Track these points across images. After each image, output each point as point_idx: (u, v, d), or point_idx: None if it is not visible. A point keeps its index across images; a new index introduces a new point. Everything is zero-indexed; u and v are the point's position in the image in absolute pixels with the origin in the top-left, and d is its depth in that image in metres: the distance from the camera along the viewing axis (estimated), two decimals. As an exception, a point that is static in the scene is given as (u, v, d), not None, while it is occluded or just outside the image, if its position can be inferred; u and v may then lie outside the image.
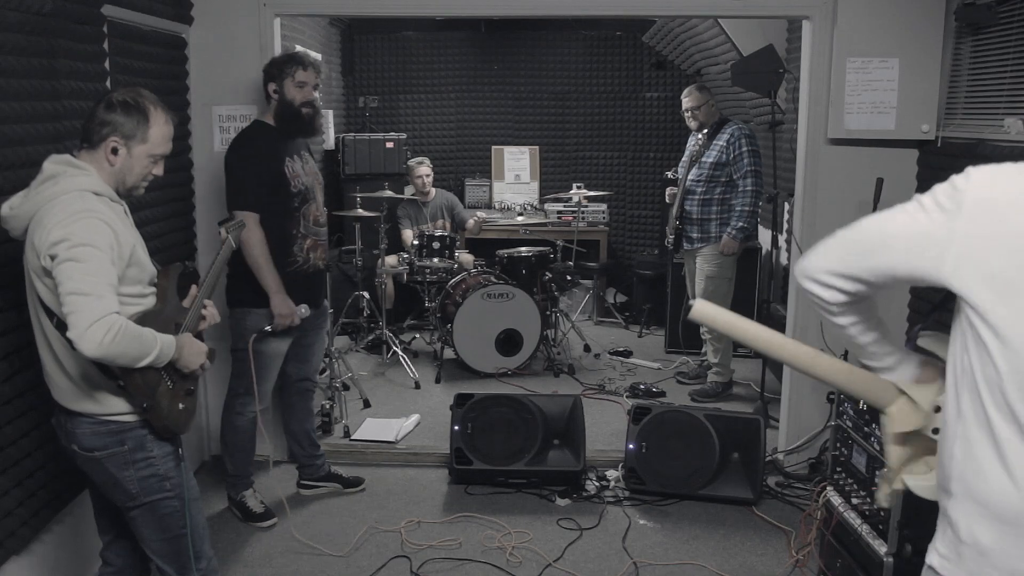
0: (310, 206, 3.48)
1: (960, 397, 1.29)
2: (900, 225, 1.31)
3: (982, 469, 1.25)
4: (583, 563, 3.30)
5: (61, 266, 1.98)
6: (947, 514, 1.32)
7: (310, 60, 3.42)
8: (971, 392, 1.27)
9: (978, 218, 1.23)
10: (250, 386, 3.34)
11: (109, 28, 3.11)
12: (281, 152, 3.38)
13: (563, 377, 5.39)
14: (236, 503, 3.62)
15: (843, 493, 2.90)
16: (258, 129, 3.42)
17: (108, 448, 2.18)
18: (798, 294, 4.00)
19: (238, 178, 3.33)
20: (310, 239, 3.48)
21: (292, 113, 3.36)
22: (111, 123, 2.15)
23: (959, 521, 1.28)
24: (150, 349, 2.05)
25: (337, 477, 3.88)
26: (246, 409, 3.53)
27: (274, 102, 3.38)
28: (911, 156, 3.87)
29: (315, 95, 3.42)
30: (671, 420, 3.78)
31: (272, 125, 3.40)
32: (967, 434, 1.27)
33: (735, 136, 4.79)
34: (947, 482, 1.32)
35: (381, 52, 7.38)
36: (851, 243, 1.38)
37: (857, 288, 1.38)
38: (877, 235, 1.34)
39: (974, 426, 1.26)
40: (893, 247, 1.31)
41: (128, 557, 2.47)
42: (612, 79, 7.34)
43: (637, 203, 7.43)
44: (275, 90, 3.37)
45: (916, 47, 3.69)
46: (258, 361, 3.33)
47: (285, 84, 3.35)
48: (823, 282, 1.40)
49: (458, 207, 6.47)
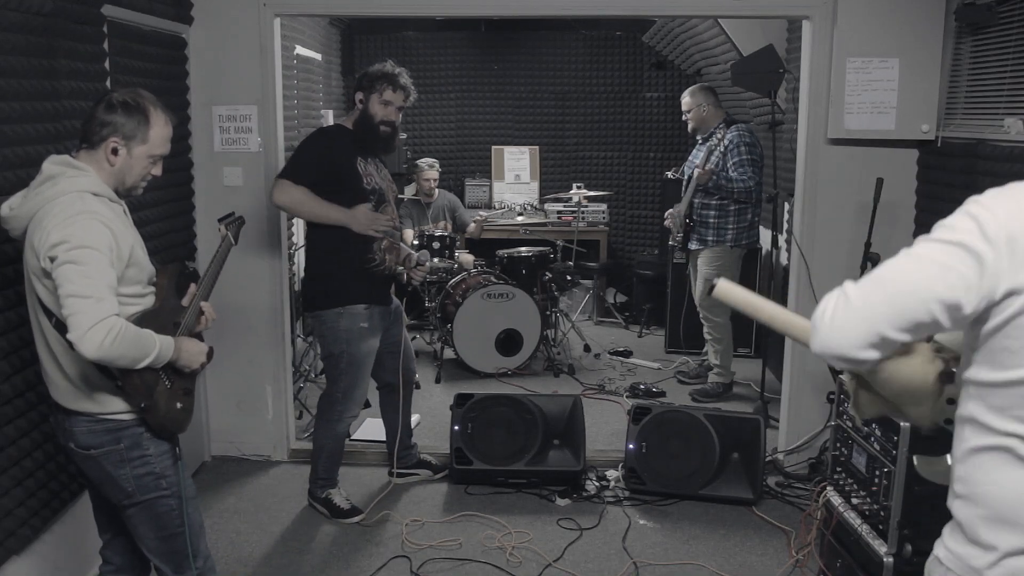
0: (386, 208, 3.51)
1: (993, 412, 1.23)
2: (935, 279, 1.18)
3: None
4: (583, 563, 3.29)
5: (61, 268, 1.98)
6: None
7: (402, 83, 3.47)
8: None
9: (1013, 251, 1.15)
10: (349, 391, 3.49)
11: (109, 28, 3.11)
12: (353, 151, 3.43)
13: (563, 377, 5.39)
14: (322, 500, 3.64)
15: (843, 493, 2.90)
16: (338, 129, 3.53)
17: (104, 446, 2.18)
18: (798, 294, 4.01)
19: (297, 155, 3.43)
20: (387, 240, 3.51)
21: (370, 127, 3.44)
22: (112, 124, 2.15)
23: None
24: (149, 350, 2.06)
25: (427, 464, 3.98)
26: (345, 415, 3.58)
27: (357, 111, 3.45)
28: (911, 156, 3.87)
29: (398, 117, 3.48)
30: (671, 420, 3.78)
31: (350, 130, 3.47)
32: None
33: (734, 142, 4.78)
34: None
35: (381, 52, 7.37)
36: (879, 308, 1.21)
37: (894, 346, 1.25)
38: (912, 296, 1.19)
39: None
40: (933, 308, 1.18)
41: (128, 555, 2.46)
42: (612, 79, 7.34)
43: (637, 203, 7.43)
44: (361, 100, 3.45)
45: (916, 47, 3.69)
46: (354, 363, 3.47)
47: (372, 98, 3.42)
48: (855, 359, 1.25)
49: (460, 209, 6.47)
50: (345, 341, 3.44)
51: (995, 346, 1.20)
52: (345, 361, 3.47)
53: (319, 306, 3.46)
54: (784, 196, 4.73)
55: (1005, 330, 1.18)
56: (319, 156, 3.39)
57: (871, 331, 1.21)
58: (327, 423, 3.59)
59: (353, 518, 3.57)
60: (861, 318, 1.21)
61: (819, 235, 3.95)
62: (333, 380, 3.53)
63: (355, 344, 3.45)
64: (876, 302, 1.21)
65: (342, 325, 3.42)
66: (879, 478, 2.63)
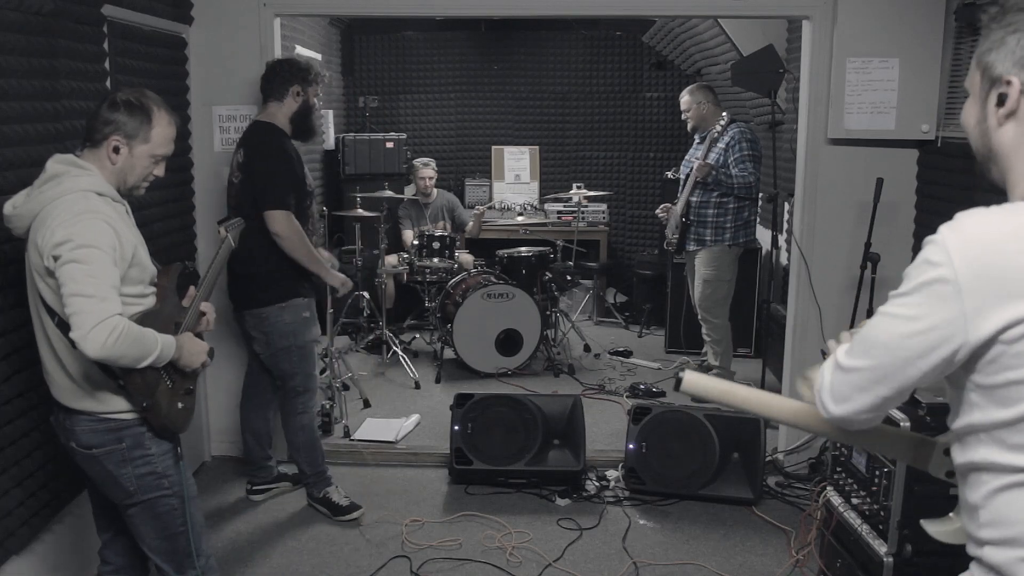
0: (313, 205, 3.59)
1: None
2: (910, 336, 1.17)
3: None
4: (583, 563, 3.30)
5: (64, 267, 1.99)
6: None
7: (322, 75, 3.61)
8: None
9: (979, 284, 1.12)
10: (306, 382, 3.52)
11: (109, 28, 3.11)
12: (298, 154, 3.49)
13: (563, 377, 5.39)
14: (320, 500, 3.64)
15: (843, 493, 2.90)
16: (279, 132, 3.45)
17: (106, 445, 2.19)
18: (798, 294, 4.01)
19: (272, 178, 3.36)
20: (315, 236, 3.58)
21: (309, 119, 3.49)
22: (114, 122, 2.16)
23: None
24: (152, 350, 2.06)
25: (285, 477, 3.88)
26: (308, 405, 3.60)
27: (296, 104, 3.45)
28: (911, 156, 3.87)
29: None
30: (671, 420, 3.78)
31: (279, 127, 3.44)
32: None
33: (736, 139, 4.78)
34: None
35: (381, 52, 7.38)
36: (871, 375, 1.22)
37: (896, 404, 1.26)
38: (897, 358, 1.19)
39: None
40: (916, 363, 1.18)
41: (127, 555, 2.47)
42: (612, 79, 7.34)
43: (637, 203, 7.43)
44: (299, 93, 3.45)
45: (916, 47, 3.69)
46: (305, 354, 3.51)
47: (309, 91, 3.47)
48: (868, 421, 1.28)
49: (459, 208, 6.47)
50: (292, 334, 3.46)
51: (996, 382, 1.15)
52: (296, 354, 3.50)
53: (260, 303, 3.44)
54: (784, 196, 4.74)
55: (1003, 362, 1.13)
56: (291, 175, 3.39)
57: (872, 395, 1.23)
58: (293, 418, 3.59)
59: (353, 514, 3.58)
60: (857, 387, 1.24)
61: (819, 235, 3.96)
62: (289, 375, 3.53)
63: (302, 335, 3.49)
64: (865, 368, 1.22)
65: (286, 319, 3.44)
66: (879, 478, 2.63)
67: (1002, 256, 1.11)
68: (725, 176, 4.72)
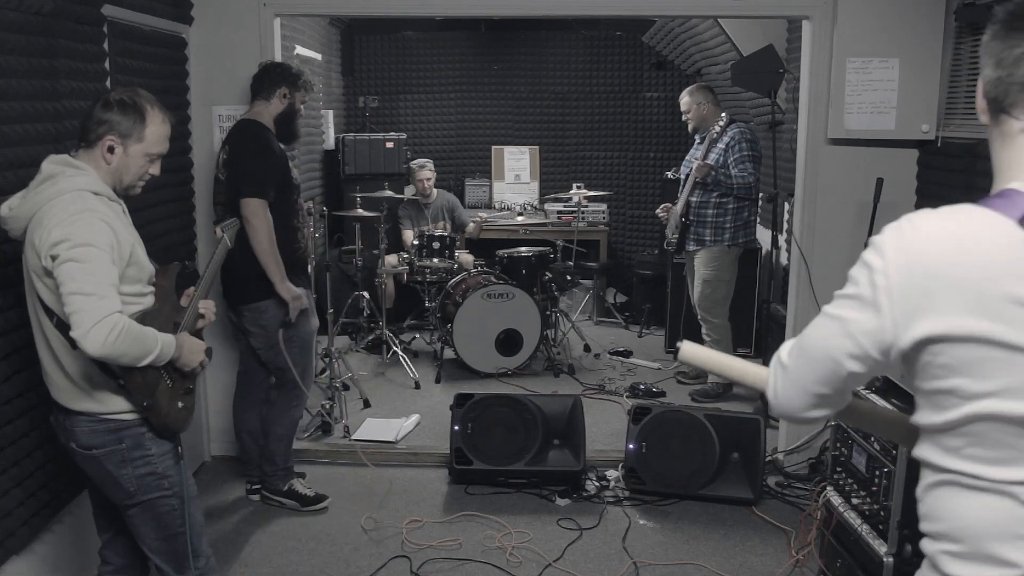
0: (301, 198, 3.67)
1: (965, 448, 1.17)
2: (838, 336, 1.19)
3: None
4: (583, 563, 3.30)
5: (63, 266, 1.99)
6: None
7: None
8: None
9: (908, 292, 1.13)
10: (304, 375, 3.58)
11: (109, 28, 3.11)
12: (283, 151, 3.55)
13: (563, 377, 5.39)
14: (286, 493, 3.67)
15: (843, 493, 2.90)
16: (263, 129, 3.49)
17: (106, 446, 2.19)
18: (798, 294, 4.01)
19: (253, 168, 3.39)
20: (304, 229, 3.67)
21: (293, 122, 3.57)
22: (107, 122, 2.16)
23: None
24: (152, 348, 2.06)
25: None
26: (302, 399, 3.68)
27: (282, 106, 3.51)
28: (911, 156, 3.87)
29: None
30: (671, 420, 3.78)
31: (264, 125, 3.49)
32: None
33: (736, 139, 4.78)
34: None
35: (381, 52, 7.38)
36: (804, 372, 1.25)
37: (837, 400, 1.29)
38: (822, 354, 1.21)
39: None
40: (845, 363, 1.19)
41: (127, 555, 2.47)
42: (612, 79, 7.34)
43: (637, 203, 7.43)
44: (286, 95, 3.51)
45: (916, 47, 3.69)
46: (296, 347, 3.54)
47: (296, 95, 3.53)
48: (810, 419, 1.31)
49: (459, 209, 6.47)
50: (291, 324, 3.51)
51: (929, 388, 1.15)
52: (296, 344, 3.54)
53: (257, 297, 3.46)
54: (784, 196, 4.74)
55: (930, 372, 1.14)
56: (273, 167, 3.42)
57: (808, 393, 1.26)
58: (286, 411, 3.64)
59: (321, 503, 3.63)
60: (794, 384, 1.27)
61: (819, 235, 3.95)
62: (287, 368, 3.54)
63: (300, 326, 3.54)
64: (800, 366, 1.26)
65: (269, 316, 3.47)
66: (879, 478, 2.63)
67: (936, 267, 1.11)
68: (725, 176, 4.72)
